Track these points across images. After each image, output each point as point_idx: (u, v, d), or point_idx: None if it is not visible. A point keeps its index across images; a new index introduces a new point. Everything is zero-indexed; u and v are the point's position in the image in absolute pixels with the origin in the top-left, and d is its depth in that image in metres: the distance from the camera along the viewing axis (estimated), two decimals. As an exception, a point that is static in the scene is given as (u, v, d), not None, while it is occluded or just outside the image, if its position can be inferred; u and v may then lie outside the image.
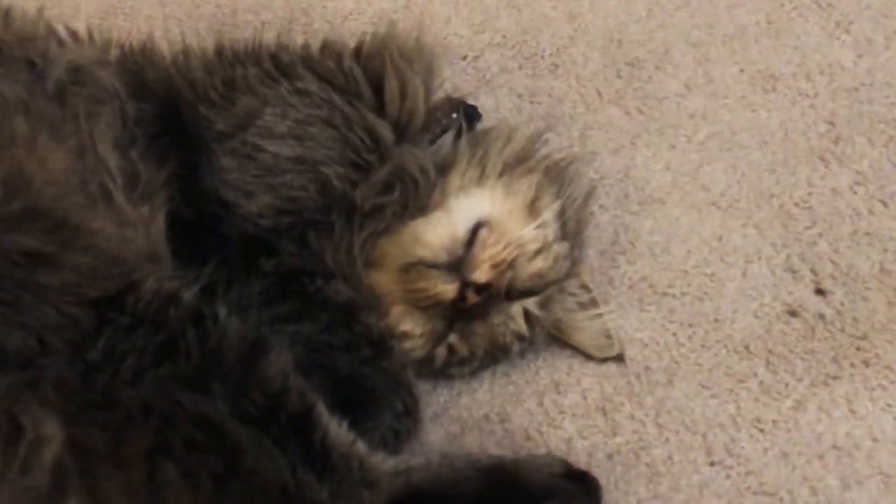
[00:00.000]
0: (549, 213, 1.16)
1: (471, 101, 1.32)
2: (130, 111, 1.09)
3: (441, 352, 1.15)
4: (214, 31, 1.39)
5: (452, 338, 1.14)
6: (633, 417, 1.20)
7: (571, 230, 1.20)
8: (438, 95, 1.25)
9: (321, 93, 1.12)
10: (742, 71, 1.46)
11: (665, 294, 1.28)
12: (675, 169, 1.38)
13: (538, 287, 1.16)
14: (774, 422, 1.19)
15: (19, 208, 0.95)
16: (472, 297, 1.10)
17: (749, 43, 1.48)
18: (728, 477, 1.16)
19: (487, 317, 1.13)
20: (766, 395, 1.21)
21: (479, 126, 1.29)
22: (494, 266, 1.10)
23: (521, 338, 1.16)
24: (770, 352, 1.24)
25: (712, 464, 1.17)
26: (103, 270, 0.97)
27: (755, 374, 1.22)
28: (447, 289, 1.11)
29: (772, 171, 1.37)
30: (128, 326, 0.96)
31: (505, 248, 1.11)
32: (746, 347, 1.24)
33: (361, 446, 1.01)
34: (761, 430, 1.19)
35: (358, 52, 1.19)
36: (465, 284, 1.10)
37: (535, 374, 1.23)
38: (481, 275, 1.10)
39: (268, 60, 1.15)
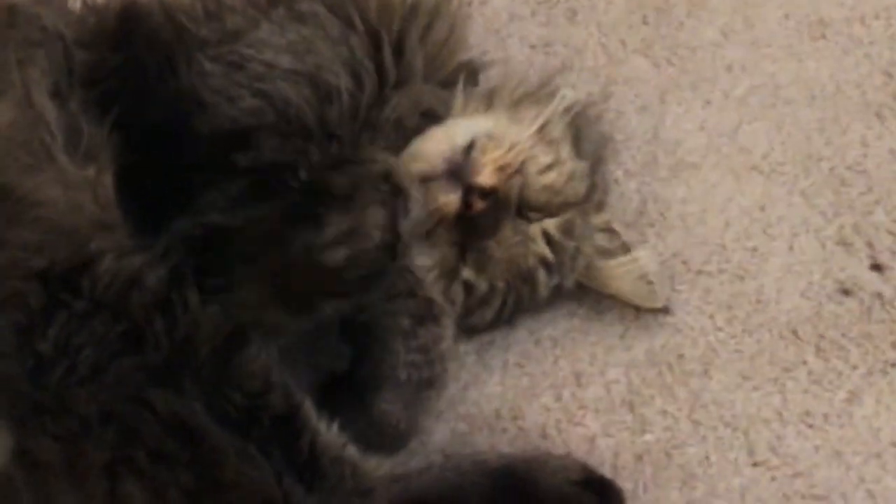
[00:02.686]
0: (557, 131, 1.18)
1: (477, 53, 1.34)
2: (77, 57, 1.09)
3: (457, 291, 1.15)
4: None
5: (467, 272, 1.14)
6: (664, 412, 1.19)
7: (589, 152, 1.21)
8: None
9: (324, 18, 1.14)
10: (787, 16, 1.45)
11: (700, 272, 1.28)
12: (710, 129, 1.37)
13: (554, 205, 1.16)
14: (826, 416, 1.18)
15: None
16: (478, 203, 1.10)
17: None
18: (773, 479, 1.15)
19: (499, 231, 1.13)
20: (816, 385, 1.20)
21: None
22: (499, 169, 1.11)
23: (545, 263, 1.15)
24: (821, 336, 1.23)
25: (755, 464, 1.16)
26: (52, 243, 0.96)
27: (804, 363, 1.22)
28: (450, 199, 1.11)
29: (821, 131, 1.36)
30: (84, 312, 0.95)
31: (509, 150, 1.12)
32: (793, 332, 1.23)
33: (353, 450, 1.01)
34: (810, 426, 1.18)
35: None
36: (469, 190, 1.10)
37: (552, 365, 1.23)
38: (485, 177, 1.10)
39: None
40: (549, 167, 1.15)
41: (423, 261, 1.13)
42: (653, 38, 1.44)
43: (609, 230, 1.23)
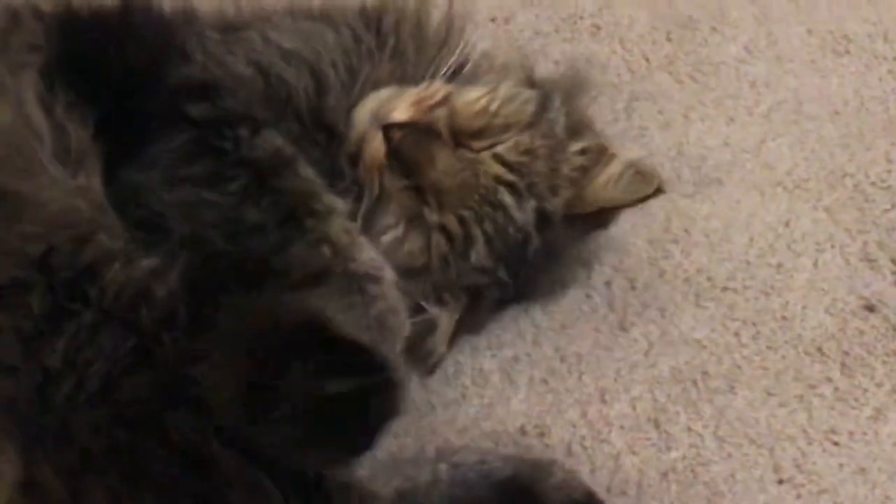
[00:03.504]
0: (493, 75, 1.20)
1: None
2: (57, 55, 1.09)
3: (439, 241, 1.14)
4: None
5: (431, 214, 1.13)
6: (689, 429, 1.18)
7: (538, 81, 1.23)
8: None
9: (328, 25, 1.18)
10: (810, 32, 1.46)
11: (725, 288, 1.27)
12: (734, 145, 1.37)
13: (495, 128, 1.15)
14: (851, 433, 1.18)
15: None
16: (396, 134, 1.11)
17: None
18: (798, 496, 1.14)
19: (436, 160, 1.12)
20: (841, 402, 1.20)
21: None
22: (414, 104, 1.12)
23: (505, 183, 1.14)
24: (845, 353, 1.23)
25: (780, 481, 1.15)
26: (51, 232, 0.97)
27: (829, 379, 1.21)
28: (375, 142, 1.12)
29: (845, 146, 1.36)
30: (92, 324, 0.95)
31: (426, 88, 1.14)
32: (818, 349, 1.23)
33: (360, 473, 1.00)
34: (836, 443, 1.17)
35: (362, 11, 1.22)
36: (387, 128, 1.12)
37: (577, 381, 1.22)
38: (399, 113, 1.12)
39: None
40: (479, 96, 1.15)
41: (386, 219, 1.14)
42: (676, 54, 1.44)
43: (588, 151, 1.22)
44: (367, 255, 1.08)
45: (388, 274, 1.09)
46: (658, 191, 1.20)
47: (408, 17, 1.21)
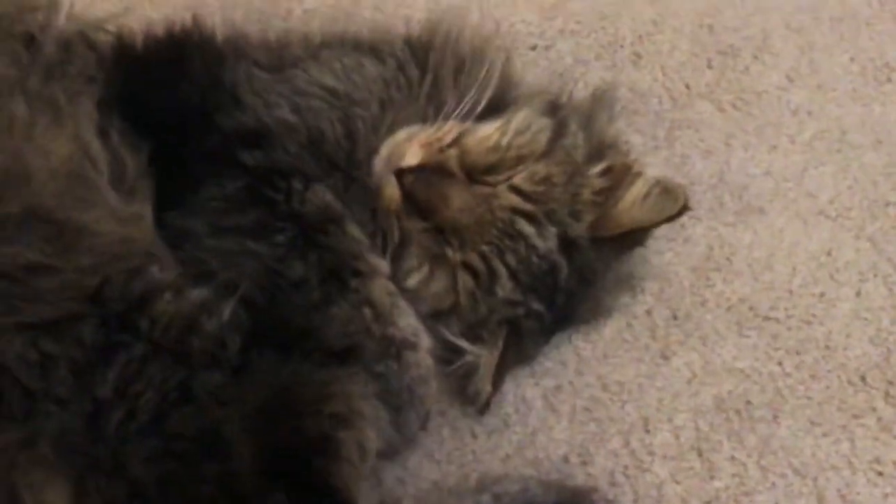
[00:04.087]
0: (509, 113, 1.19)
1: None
2: (113, 88, 1.11)
3: (465, 279, 1.14)
4: (254, 21, 1.36)
5: (453, 253, 1.13)
6: (733, 459, 1.19)
7: (549, 109, 1.22)
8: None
9: (374, 56, 1.19)
10: (852, 59, 1.45)
11: (768, 318, 1.27)
12: (776, 173, 1.37)
13: (509, 161, 1.15)
14: (895, 463, 1.18)
15: (19, 211, 0.95)
16: (408, 178, 1.11)
17: (860, 27, 1.47)
18: None
19: (451, 199, 1.12)
20: (885, 432, 1.20)
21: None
22: (425, 146, 1.12)
23: (523, 214, 1.14)
24: (889, 383, 1.22)
25: None
26: (105, 265, 0.97)
27: (873, 409, 1.21)
28: (390, 188, 1.12)
29: (888, 175, 1.36)
30: (143, 356, 0.96)
31: (437, 130, 1.14)
32: (862, 378, 1.23)
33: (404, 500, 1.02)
34: (880, 473, 1.18)
35: (409, 41, 1.23)
36: (399, 173, 1.12)
37: (620, 410, 1.22)
38: (410, 157, 1.12)
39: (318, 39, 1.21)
40: (490, 132, 1.16)
41: (410, 262, 1.14)
42: (718, 81, 1.43)
43: (610, 171, 1.20)
44: (407, 320, 1.10)
45: (425, 341, 1.11)
46: (685, 208, 1.18)
47: (452, 52, 1.21)
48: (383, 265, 1.11)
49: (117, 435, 0.94)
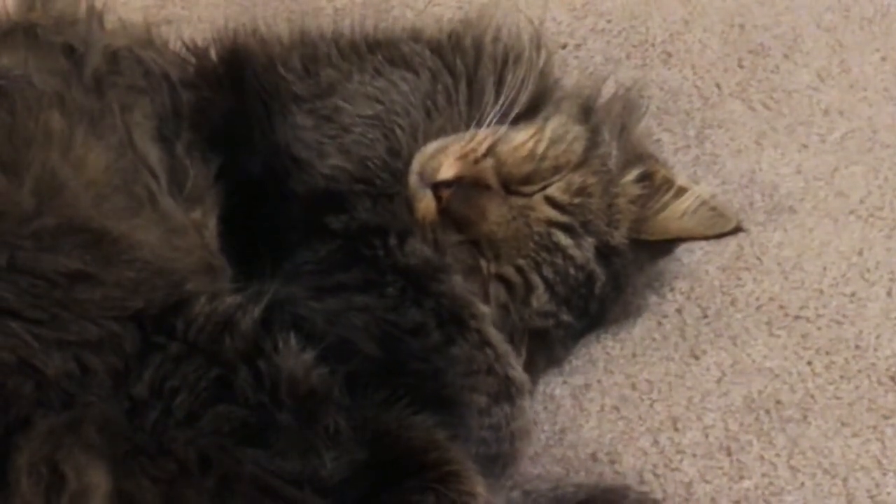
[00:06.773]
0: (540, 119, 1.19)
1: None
2: (183, 97, 1.13)
3: (498, 289, 1.15)
4: (285, 19, 1.39)
5: (488, 264, 1.14)
6: (762, 458, 1.19)
7: (583, 114, 1.22)
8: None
9: (407, 69, 1.19)
10: (884, 59, 1.45)
11: (798, 317, 1.28)
12: (807, 172, 1.37)
13: (545, 171, 1.16)
14: None
15: (54, 224, 0.96)
16: (445, 193, 1.12)
17: (891, 26, 1.48)
18: None
19: (488, 212, 1.13)
20: None
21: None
22: (459, 158, 1.13)
23: (559, 225, 1.15)
24: None
25: None
26: (149, 283, 0.98)
27: None
28: (426, 201, 1.13)
29: None
30: (177, 356, 0.96)
31: (470, 142, 1.14)
32: (892, 378, 1.23)
33: None
34: None
35: (440, 45, 1.23)
36: (436, 186, 1.13)
37: (649, 409, 1.23)
38: (445, 170, 1.13)
39: (354, 39, 1.22)
40: (524, 140, 1.16)
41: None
42: (748, 81, 1.44)
43: (644, 177, 1.21)
44: (519, 366, 1.11)
45: (530, 388, 1.12)
46: (737, 229, 1.20)
47: (489, 53, 1.22)
48: (488, 311, 1.12)
49: (155, 431, 0.95)
